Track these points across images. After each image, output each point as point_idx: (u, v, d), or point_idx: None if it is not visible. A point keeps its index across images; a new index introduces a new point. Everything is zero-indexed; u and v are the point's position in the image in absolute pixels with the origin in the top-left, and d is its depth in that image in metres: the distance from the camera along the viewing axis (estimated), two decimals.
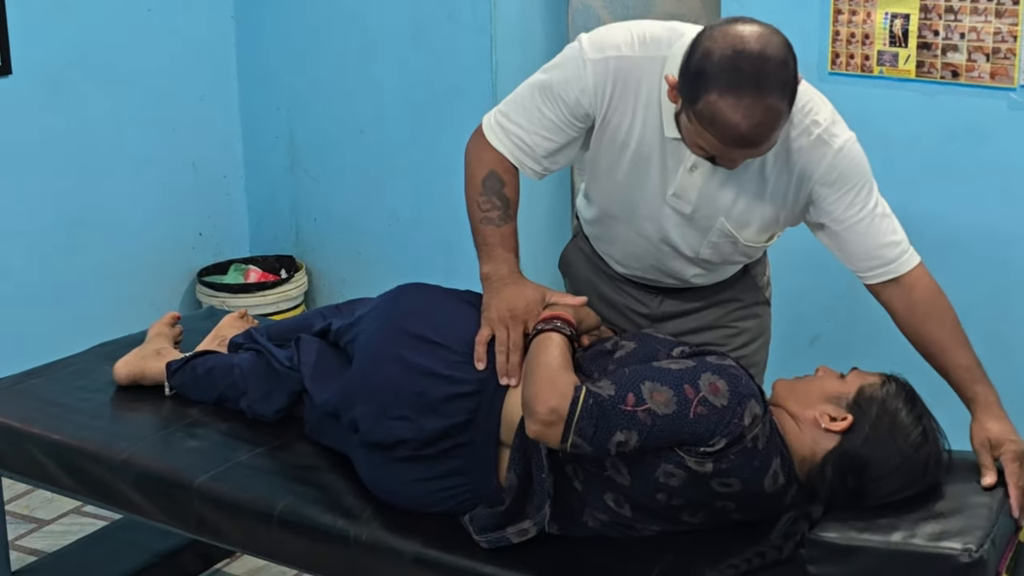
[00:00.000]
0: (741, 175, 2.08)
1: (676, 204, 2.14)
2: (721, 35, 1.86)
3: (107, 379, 2.58)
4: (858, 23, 2.92)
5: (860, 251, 2.09)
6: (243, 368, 2.38)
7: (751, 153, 1.93)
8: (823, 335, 3.13)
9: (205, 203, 4.13)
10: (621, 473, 1.87)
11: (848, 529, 1.80)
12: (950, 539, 1.76)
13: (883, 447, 1.85)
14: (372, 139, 3.92)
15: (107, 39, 3.75)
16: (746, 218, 2.14)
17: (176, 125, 3.98)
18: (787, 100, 1.88)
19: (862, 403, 1.89)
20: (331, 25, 3.89)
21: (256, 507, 2.12)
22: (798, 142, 2.04)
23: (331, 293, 4.13)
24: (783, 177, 2.08)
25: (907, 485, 1.87)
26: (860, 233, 2.08)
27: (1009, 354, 2.92)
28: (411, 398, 2.01)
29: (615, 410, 1.80)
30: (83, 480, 2.34)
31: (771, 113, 1.85)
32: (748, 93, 1.83)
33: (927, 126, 2.91)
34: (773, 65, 1.85)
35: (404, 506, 2.06)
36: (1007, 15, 2.75)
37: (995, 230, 2.88)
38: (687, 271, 2.26)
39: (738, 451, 1.80)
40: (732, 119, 1.83)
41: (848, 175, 2.06)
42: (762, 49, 1.84)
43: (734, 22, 1.89)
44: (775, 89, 1.85)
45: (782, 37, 1.89)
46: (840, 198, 2.07)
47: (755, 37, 1.85)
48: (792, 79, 1.88)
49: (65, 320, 3.67)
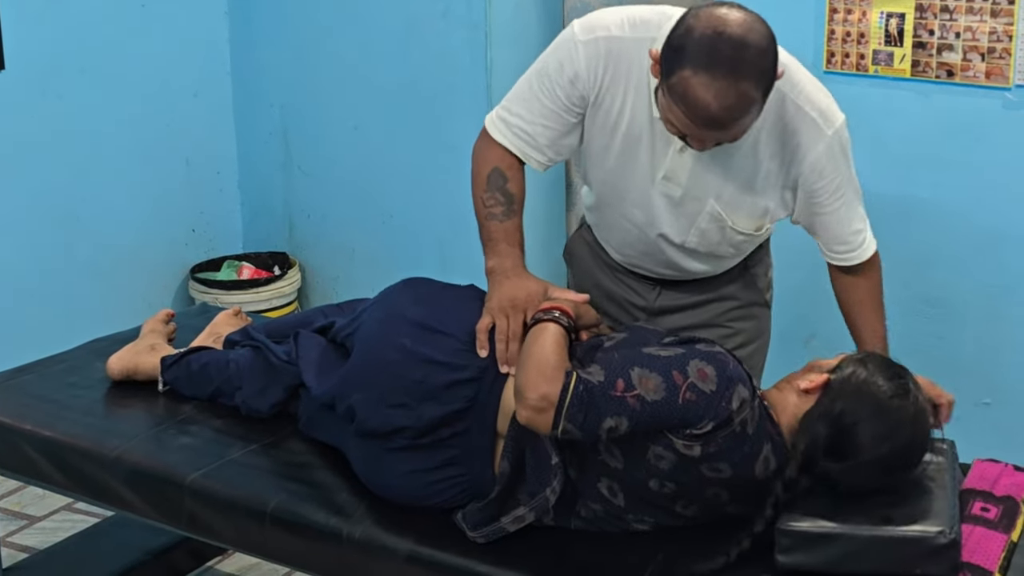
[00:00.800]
0: (733, 156, 2.08)
1: (666, 188, 2.15)
2: (706, 15, 1.88)
3: (99, 376, 2.57)
4: (853, 22, 2.92)
5: (834, 235, 2.17)
6: (239, 364, 2.37)
7: (719, 136, 1.93)
8: (818, 334, 3.13)
9: (198, 199, 4.12)
10: (614, 456, 1.88)
11: (817, 518, 1.81)
12: (922, 522, 1.78)
13: (857, 395, 1.84)
14: (366, 136, 3.91)
15: (100, 35, 3.74)
16: (736, 201, 2.14)
17: (170, 121, 3.97)
18: (762, 89, 1.88)
19: (841, 365, 1.90)
20: (325, 21, 3.88)
21: (248, 505, 2.11)
22: (793, 124, 2.06)
23: (324, 290, 4.12)
24: (775, 160, 2.10)
25: (888, 434, 1.82)
26: (837, 220, 2.15)
27: (1005, 349, 2.93)
28: (411, 385, 2.01)
29: (605, 396, 1.80)
30: (75, 477, 2.33)
31: (743, 99, 1.85)
32: (723, 74, 1.83)
33: (922, 125, 2.91)
34: (752, 52, 1.85)
35: (398, 499, 2.05)
36: (1002, 15, 2.75)
37: (990, 229, 2.89)
38: (681, 261, 2.27)
39: (726, 435, 1.80)
40: (703, 97, 1.84)
41: (838, 162, 2.10)
42: (744, 34, 1.85)
43: (722, 5, 1.91)
44: (750, 75, 1.85)
45: (766, 27, 1.90)
46: (826, 184, 2.11)
47: (739, 22, 1.86)
48: (770, 69, 1.89)
49: (57, 316, 3.66)
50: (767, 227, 2.24)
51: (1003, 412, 2.96)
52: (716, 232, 2.19)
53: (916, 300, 3.00)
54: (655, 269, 2.32)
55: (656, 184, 2.15)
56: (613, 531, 1.96)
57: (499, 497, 1.95)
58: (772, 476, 1.85)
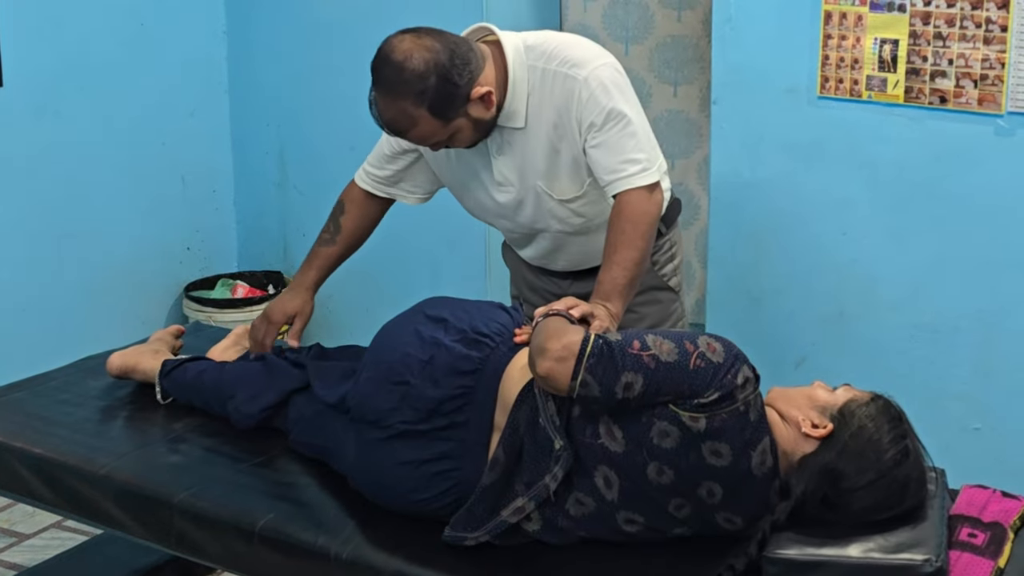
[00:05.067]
0: (529, 141, 2.34)
1: (503, 191, 2.41)
2: (385, 43, 2.23)
3: (91, 393, 2.57)
4: (848, 48, 2.94)
5: (604, 165, 2.30)
6: (235, 372, 2.41)
7: (410, 140, 2.29)
8: (809, 357, 3.13)
9: (194, 217, 4.13)
10: (615, 438, 1.88)
11: (805, 545, 1.81)
12: (909, 551, 1.79)
13: (859, 460, 1.85)
14: (362, 156, 3.87)
15: (99, 53, 3.75)
16: (552, 173, 2.36)
17: (166, 139, 3.99)
18: (425, 105, 2.18)
19: (846, 414, 1.90)
20: (323, 42, 3.90)
21: (237, 523, 2.11)
22: (553, 87, 2.30)
23: (318, 310, 4.11)
24: (551, 117, 2.31)
25: (886, 504, 1.86)
26: (607, 149, 2.29)
27: (996, 375, 2.93)
28: (417, 365, 2.05)
29: (622, 352, 1.85)
30: (64, 494, 2.33)
31: (403, 114, 2.21)
32: (383, 94, 2.22)
33: (915, 151, 2.92)
34: (408, 75, 2.17)
35: (387, 500, 2.06)
36: (995, 42, 2.77)
37: (981, 254, 2.89)
38: (565, 246, 2.48)
39: (730, 410, 1.82)
40: (379, 111, 2.25)
41: (597, 98, 2.28)
42: (402, 60, 2.18)
43: (404, 32, 2.22)
44: (406, 95, 2.18)
45: (432, 54, 2.18)
46: (592, 120, 2.28)
47: (402, 49, 2.18)
48: (431, 89, 2.17)
49: (50, 333, 3.66)
50: (588, 183, 2.37)
51: (993, 438, 2.96)
52: (558, 208, 2.40)
53: (907, 325, 3.00)
54: (556, 263, 2.54)
55: (495, 189, 2.41)
56: (601, 536, 1.95)
57: (493, 487, 1.95)
58: (766, 476, 1.86)
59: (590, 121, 2.29)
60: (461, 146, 2.34)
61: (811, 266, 3.06)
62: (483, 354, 2.06)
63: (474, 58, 2.25)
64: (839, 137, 3.01)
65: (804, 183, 3.03)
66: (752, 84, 3.05)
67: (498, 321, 2.14)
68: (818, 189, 3.04)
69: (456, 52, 2.21)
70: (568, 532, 1.96)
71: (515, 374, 2.02)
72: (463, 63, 2.22)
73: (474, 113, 2.26)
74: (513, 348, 2.09)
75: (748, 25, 3.02)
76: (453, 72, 2.20)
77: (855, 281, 3.05)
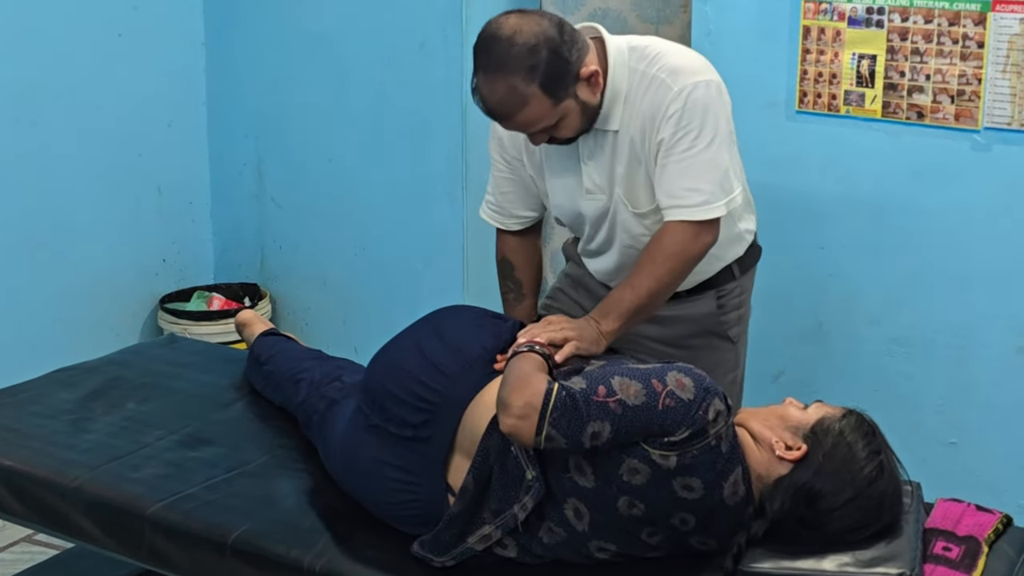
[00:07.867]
0: (618, 144, 2.24)
1: (589, 199, 2.31)
2: (487, 24, 2.12)
3: (62, 406, 2.55)
4: (826, 63, 2.94)
5: (666, 188, 2.21)
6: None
7: (512, 127, 2.17)
8: (787, 371, 3.13)
9: (170, 229, 4.10)
10: (585, 474, 1.86)
11: (781, 559, 1.81)
12: (884, 564, 1.79)
13: (835, 480, 1.85)
14: (340, 168, 3.91)
15: (76, 62, 3.72)
16: (633, 180, 2.27)
17: (142, 150, 3.96)
18: (536, 82, 2.07)
19: (819, 433, 1.89)
20: (302, 53, 3.89)
21: (209, 536, 2.09)
22: (646, 91, 2.21)
23: (295, 321, 4.10)
24: (639, 123, 2.22)
25: (863, 522, 1.86)
26: (678, 172, 2.19)
27: (971, 389, 2.93)
28: (403, 370, 2.10)
29: (587, 401, 1.82)
30: (34, 507, 2.30)
31: (512, 92, 2.08)
32: (491, 72, 2.08)
33: (892, 166, 2.93)
34: (518, 50, 2.06)
35: (362, 494, 2.09)
36: (972, 58, 2.78)
37: (958, 269, 2.90)
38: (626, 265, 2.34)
39: (701, 446, 1.80)
40: (481, 94, 2.12)
41: (684, 117, 2.18)
42: (510, 35, 2.07)
43: (508, 13, 2.12)
44: (516, 71, 2.06)
45: (542, 28, 2.08)
46: (672, 136, 2.18)
47: (509, 25, 2.08)
48: (541, 64, 2.06)
49: (22, 345, 3.62)
50: None
51: (969, 452, 2.96)
52: (632, 221, 2.30)
53: (884, 339, 3.01)
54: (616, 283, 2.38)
55: (582, 198, 2.32)
56: (575, 561, 1.94)
57: (461, 515, 1.94)
58: (739, 504, 1.85)
59: (667, 136, 2.19)
60: (567, 135, 2.20)
61: (789, 280, 3.07)
62: (451, 382, 2.04)
63: (579, 37, 2.16)
64: (817, 152, 3.01)
65: (782, 197, 3.03)
66: (731, 98, 3.05)
67: (484, 346, 2.12)
68: (796, 203, 3.04)
69: (564, 28, 2.12)
70: (543, 556, 1.95)
71: (488, 401, 1.99)
72: (571, 40, 2.12)
73: (582, 95, 2.15)
74: (491, 374, 2.07)
75: (727, 40, 3.02)
76: (563, 47, 2.09)
77: (833, 295, 3.06)
